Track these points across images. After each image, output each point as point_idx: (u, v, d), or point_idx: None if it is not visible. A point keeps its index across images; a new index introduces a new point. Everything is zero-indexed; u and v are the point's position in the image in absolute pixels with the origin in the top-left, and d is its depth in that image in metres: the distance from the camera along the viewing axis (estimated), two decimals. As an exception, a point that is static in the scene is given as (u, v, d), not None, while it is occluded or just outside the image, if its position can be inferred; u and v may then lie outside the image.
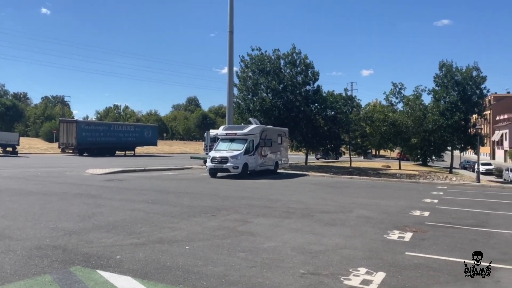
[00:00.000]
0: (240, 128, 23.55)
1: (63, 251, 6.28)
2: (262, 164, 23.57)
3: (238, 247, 6.83)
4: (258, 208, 11.18)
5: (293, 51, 33.80)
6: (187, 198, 12.73)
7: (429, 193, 17.07)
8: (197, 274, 5.36)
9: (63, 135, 43.22)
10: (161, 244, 6.91)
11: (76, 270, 5.41)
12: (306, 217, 10.09)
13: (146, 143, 51.49)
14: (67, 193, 12.97)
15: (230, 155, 21.29)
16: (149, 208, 10.60)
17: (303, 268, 5.79)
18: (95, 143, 43.56)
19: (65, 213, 9.50)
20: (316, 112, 35.02)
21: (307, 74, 34.16)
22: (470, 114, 40.27)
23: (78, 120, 52.73)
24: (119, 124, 55.80)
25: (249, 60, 33.30)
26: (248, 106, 32.64)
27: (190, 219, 9.25)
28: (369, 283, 5.21)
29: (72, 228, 7.85)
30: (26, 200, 11.39)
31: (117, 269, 5.47)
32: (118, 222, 8.56)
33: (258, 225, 8.84)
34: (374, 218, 10.19)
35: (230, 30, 28.84)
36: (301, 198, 13.83)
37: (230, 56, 29.02)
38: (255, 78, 33.02)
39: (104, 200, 11.81)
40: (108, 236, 7.32)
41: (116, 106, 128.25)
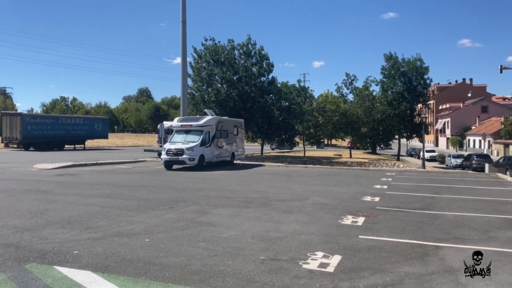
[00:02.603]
0: (196, 120, 23.37)
1: (15, 248, 6.06)
2: (218, 156, 23.58)
3: (199, 238, 6.89)
4: (216, 199, 11.25)
5: (248, 42, 33.84)
6: (143, 191, 12.55)
7: (379, 179, 17.88)
8: (158, 266, 5.38)
9: (6, 129, 40.77)
10: (119, 237, 6.83)
11: (31, 267, 5.25)
12: (264, 205, 10.29)
13: (96, 136, 49.74)
14: (15, 190, 12.38)
15: (186, 147, 21.11)
16: (105, 202, 10.38)
17: (263, 254, 5.96)
18: (42, 137, 41.52)
19: (14, 210, 9.10)
20: (271, 103, 35.39)
21: (262, 65, 34.36)
22: (415, 104, 42.31)
23: (23, 113, 49.95)
24: (68, 116, 53.46)
25: (204, 50, 32.98)
26: (203, 97, 32.41)
27: (148, 212, 9.17)
28: (327, 266, 5.47)
29: (24, 225, 7.56)
30: (-31, 198, 10.78)
31: (75, 264, 5.37)
32: (73, 217, 8.33)
33: (217, 215, 8.93)
34: (328, 205, 10.58)
35: (182, 20, 28.36)
36: (258, 188, 14.04)
37: (183, 47, 28.57)
38: (209, 69, 32.79)
39: (56, 195, 11.40)
40: (64, 232, 7.13)
41: (63, 98, 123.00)
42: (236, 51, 33.90)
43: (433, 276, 5.18)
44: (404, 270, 5.38)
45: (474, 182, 18.22)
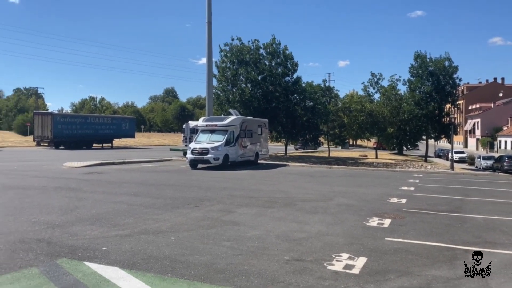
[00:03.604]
0: (220, 120, 23.54)
1: (47, 244, 6.26)
2: (242, 155, 23.68)
3: (223, 236, 6.94)
4: (241, 198, 11.30)
5: (273, 42, 33.81)
6: (169, 190, 12.74)
7: (406, 181, 17.56)
8: (184, 263, 5.46)
9: (38, 128, 42.18)
10: (146, 235, 6.96)
11: (62, 262, 5.42)
12: (288, 206, 10.28)
13: (123, 135, 50.80)
14: (47, 187, 12.79)
15: (211, 147, 21.31)
16: (132, 200, 10.59)
17: (287, 255, 5.95)
18: (72, 135, 42.73)
19: (46, 206, 9.41)
20: (295, 103, 35.25)
21: (287, 65, 34.26)
22: (444, 104, 41.28)
23: (54, 112, 51.50)
24: (96, 116, 54.81)
25: (229, 50, 33.15)
26: (228, 97, 32.59)
27: (174, 210, 9.30)
28: (352, 268, 5.42)
29: (55, 221, 7.80)
30: (4, 194, 11.20)
31: (104, 260, 5.51)
32: (101, 215, 8.54)
33: (242, 214, 8.97)
34: (353, 206, 10.47)
35: (208, 20, 28.62)
36: (282, 188, 14.02)
37: (208, 47, 28.83)
38: (234, 68, 32.93)
39: (85, 193, 11.71)
40: (93, 229, 7.32)
41: (92, 98, 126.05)
42: (261, 50, 33.93)
43: (462, 281, 5.06)
44: (432, 274, 5.28)
45: (505, 184, 17.65)
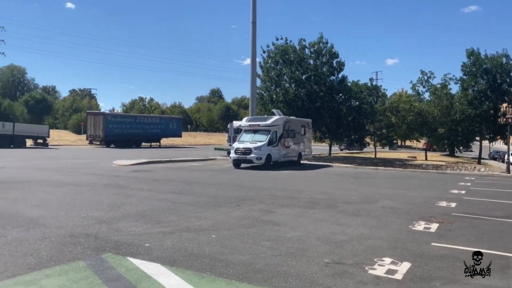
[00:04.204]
0: (263, 120, 23.61)
1: (94, 238, 6.53)
2: (285, 155, 23.61)
3: (263, 236, 6.93)
4: (282, 199, 11.25)
5: (320, 41, 33.38)
6: (212, 189, 12.92)
7: (456, 184, 16.75)
8: (223, 262, 5.50)
9: (90, 127, 44.31)
10: (188, 232, 7.09)
11: (107, 257, 5.63)
12: (330, 207, 10.11)
13: (171, 134, 52.22)
14: (97, 184, 13.38)
15: (254, 146, 21.42)
16: (176, 198, 10.84)
17: (327, 257, 5.84)
18: (122, 134, 44.48)
19: (95, 202, 9.83)
20: (340, 103, 34.63)
21: (332, 64, 33.73)
22: (500, 103, 38.97)
23: (105, 112, 53.89)
24: (145, 116, 56.77)
25: (273, 50, 33.12)
26: (271, 97, 32.57)
27: (216, 208, 9.42)
28: (394, 273, 5.22)
29: (103, 217, 8.13)
30: (58, 190, 11.82)
31: (146, 257, 5.66)
32: (146, 212, 8.80)
33: (283, 215, 8.92)
34: (399, 209, 10.12)
35: (252, 21, 28.78)
36: (325, 189, 13.82)
37: (253, 47, 29.00)
38: (278, 68, 32.87)
39: (132, 190, 12.13)
40: (137, 225, 7.55)
41: (141, 98, 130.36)
42: (306, 50, 33.62)
43: (516, 292, 4.74)
44: (481, 283, 4.97)
45: None
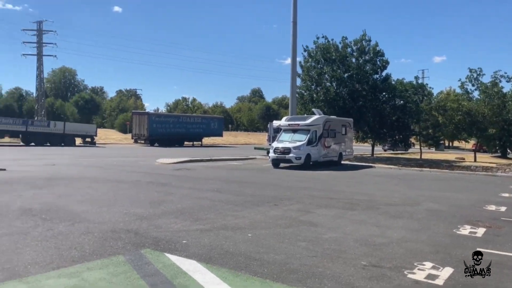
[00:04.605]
0: (303, 119, 23.42)
1: (135, 234, 6.73)
2: (325, 155, 23.30)
3: (300, 237, 6.86)
4: (321, 199, 11.11)
5: (362, 38, 32.67)
6: (250, 188, 12.97)
7: (508, 187, 15.84)
8: (258, 261, 5.49)
9: (135, 127, 45.78)
10: (225, 230, 7.15)
11: (146, 252, 5.77)
12: (370, 209, 9.86)
13: (212, 134, 53.00)
14: (140, 181, 13.79)
15: (293, 146, 21.30)
16: (215, 196, 10.97)
17: (365, 259, 5.69)
18: (165, 134, 45.65)
19: (137, 199, 10.13)
20: (384, 101, 33.71)
21: (376, 62, 32.91)
22: (558, 102, 36.51)
23: (150, 112, 55.45)
24: (187, 115, 58.00)
25: (314, 49, 32.78)
26: (312, 97, 32.25)
27: (253, 207, 9.44)
28: (435, 278, 5.00)
29: (143, 214, 8.36)
30: (103, 187, 12.30)
31: (183, 253, 5.76)
32: (185, 209, 8.97)
33: (320, 215, 8.80)
34: (444, 212, 9.71)
35: (293, 20, 28.65)
36: (366, 190, 13.51)
37: (293, 47, 28.87)
38: (319, 67, 32.49)
39: (173, 188, 12.41)
40: (176, 222, 7.71)
41: (184, 98, 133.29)
42: (348, 48, 33.02)
43: None
44: (532, 293, 4.67)
45: None
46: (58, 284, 4.46)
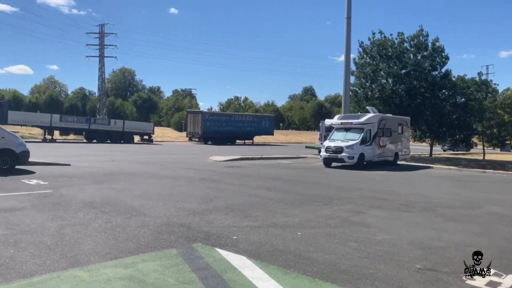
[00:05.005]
0: (356, 117, 22.89)
1: (187, 228, 6.92)
2: (380, 155, 22.63)
3: (351, 237, 6.72)
4: (374, 200, 10.80)
5: (419, 34, 31.38)
6: (300, 186, 12.89)
7: None
8: (308, 260, 5.44)
9: (190, 125, 47.11)
10: (274, 228, 7.16)
11: (198, 246, 5.91)
12: (427, 211, 9.44)
13: (263, 132, 53.34)
14: (193, 178, 14.16)
15: (345, 145, 20.88)
16: (265, 194, 11.02)
17: (419, 263, 5.46)
18: (218, 132, 46.57)
19: (190, 195, 10.41)
20: (443, 99, 32.10)
21: (435, 58, 31.44)
22: None
23: (204, 111, 56.79)
24: (239, 114, 58.78)
25: (369, 45, 31.92)
26: (366, 94, 31.43)
27: (303, 206, 9.37)
28: (497, 286, 4.69)
29: (196, 209, 8.57)
30: (158, 182, 12.76)
31: (233, 249, 5.83)
32: (236, 206, 9.09)
33: (373, 216, 8.56)
34: (508, 216, 9.09)
35: (347, 16, 28.11)
36: (422, 191, 12.96)
37: (347, 43, 28.31)
38: (374, 64, 31.58)
39: (224, 185, 12.63)
40: (227, 218, 7.83)
41: (236, 97, 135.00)
42: (405, 44, 31.81)
43: None
44: None
45: None
46: (115, 273, 4.69)
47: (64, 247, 5.65)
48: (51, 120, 39.41)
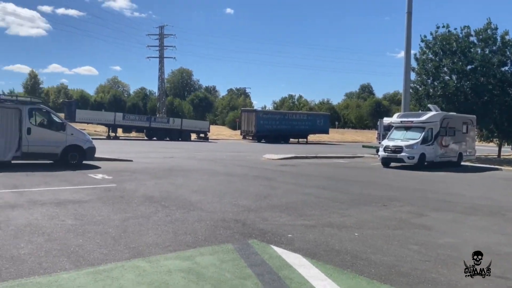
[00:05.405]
0: (417, 116, 21.94)
1: (242, 225, 7.00)
2: (442, 155, 21.55)
3: (411, 240, 6.45)
4: (435, 202, 10.31)
5: (487, 27, 29.48)
6: (357, 186, 12.60)
7: None
8: (365, 261, 5.31)
9: (244, 124, 47.65)
10: (330, 228, 7.05)
11: (253, 243, 5.97)
12: (494, 215, 8.86)
13: (318, 131, 52.69)
14: (247, 175, 14.32)
15: (405, 144, 20.10)
16: (319, 193, 10.88)
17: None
18: (272, 130, 46.68)
19: (244, 192, 10.53)
20: (514, 97, 29.92)
21: (505, 53, 29.36)
22: None
23: (257, 110, 57.14)
24: (293, 113, 58.44)
25: (432, 40, 30.44)
26: (428, 92, 30.02)
27: (360, 207, 9.15)
28: None
29: (250, 206, 8.65)
30: (213, 179, 13.03)
31: (288, 247, 5.82)
32: (290, 204, 9.06)
33: (435, 219, 8.17)
34: None
35: (408, 10, 26.98)
36: (489, 194, 12.17)
37: (407, 39, 27.19)
38: (437, 60, 30.08)
39: (278, 183, 12.63)
40: (281, 216, 7.82)
41: (290, 96, 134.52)
42: (471, 38, 29.99)
43: None
44: None
45: None
46: (175, 265, 4.85)
47: (127, 238, 5.93)
48: (114, 118, 41.53)
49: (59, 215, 7.21)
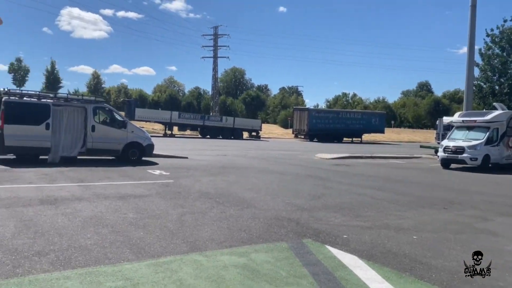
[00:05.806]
0: (481, 115, 20.72)
1: (296, 224, 6.98)
2: (508, 157, 20.18)
3: (474, 245, 6.11)
4: (502, 206, 9.69)
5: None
6: (415, 188, 12.13)
7: None
8: (425, 265, 5.11)
9: (296, 122, 47.48)
10: (387, 230, 6.85)
11: (307, 242, 5.93)
12: None
13: (373, 130, 51.35)
14: (299, 174, 14.25)
15: (467, 145, 19.05)
16: (375, 194, 10.60)
17: None
18: (324, 129, 46.14)
19: (297, 191, 10.49)
20: None
21: None
22: None
23: (310, 108, 56.75)
24: (347, 111, 57.33)
25: (498, 34, 28.64)
26: (493, 89, 28.34)
27: (418, 209, 8.80)
28: None
29: (304, 205, 8.61)
30: (266, 177, 13.10)
31: (344, 247, 5.73)
32: (344, 204, 8.91)
33: (502, 224, 7.69)
34: None
35: (472, 4, 25.54)
36: None
37: (471, 33, 25.73)
38: (504, 55, 28.25)
39: (331, 182, 12.46)
40: (336, 216, 7.71)
41: (344, 94, 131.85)
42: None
43: None
44: None
45: None
46: (231, 261, 4.94)
47: (184, 232, 6.12)
48: (171, 116, 42.98)
49: (122, 208, 7.59)
